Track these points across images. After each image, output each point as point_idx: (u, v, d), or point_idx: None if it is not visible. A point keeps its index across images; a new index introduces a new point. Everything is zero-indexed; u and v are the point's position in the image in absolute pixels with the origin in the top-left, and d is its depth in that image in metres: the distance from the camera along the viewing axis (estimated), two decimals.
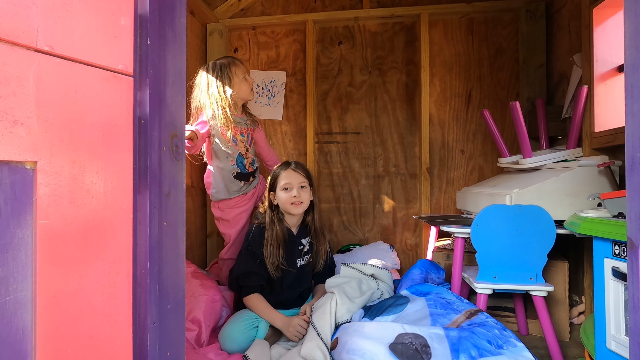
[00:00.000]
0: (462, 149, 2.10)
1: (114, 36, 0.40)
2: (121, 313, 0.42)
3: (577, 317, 1.58)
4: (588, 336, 1.11)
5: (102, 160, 0.40)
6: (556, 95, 1.87)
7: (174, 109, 0.55)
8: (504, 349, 0.92)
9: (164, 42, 0.52)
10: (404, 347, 0.90)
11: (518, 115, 1.53)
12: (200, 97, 1.62)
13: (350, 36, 2.19)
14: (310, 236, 1.49)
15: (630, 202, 0.50)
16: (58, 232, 0.36)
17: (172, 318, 0.55)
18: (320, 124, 2.21)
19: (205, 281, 1.48)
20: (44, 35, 0.35)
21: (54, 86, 0.35)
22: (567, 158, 1.51)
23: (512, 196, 1.36)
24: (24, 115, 0.33)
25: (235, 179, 1.70)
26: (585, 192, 1.31)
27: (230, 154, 1.67)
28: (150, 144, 0.49)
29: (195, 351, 1.12)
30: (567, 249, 1.64)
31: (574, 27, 1.69)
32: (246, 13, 2.26)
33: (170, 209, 0.54)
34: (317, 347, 1.04)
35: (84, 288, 0.38)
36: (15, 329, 0.34)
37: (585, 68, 1.48)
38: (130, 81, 0.43)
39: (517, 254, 1.27)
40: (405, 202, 2.16)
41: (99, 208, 0.40)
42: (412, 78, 2.14)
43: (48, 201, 0.35)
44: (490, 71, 2.06)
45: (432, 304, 1.11)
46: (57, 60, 0.36)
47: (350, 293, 1.23)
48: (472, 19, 2.08)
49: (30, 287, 0.34)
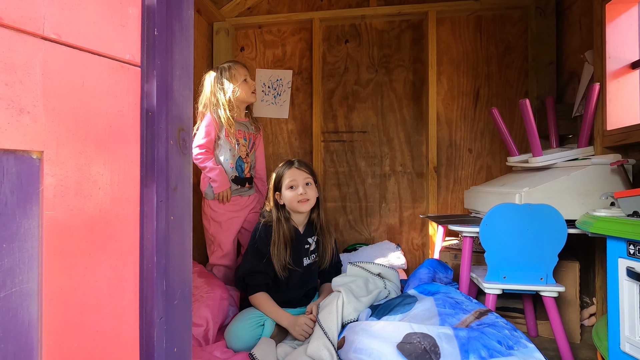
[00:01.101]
0: (469, 148, 2.07)
1: (121, 25, 0.40)
2: (128, 307, 0.42)
3: (588, 318, 1.55)
4: (601, 338, 1.09)
5: (108, 152, 0.39)
6: (566, 93, 1.84)
7: (181, 102, 0.54)
8: (514, 349, 0.90)
9: (171, 33, 0.51)
10: (412, 346, 0.89)
11: (528, 113, 1.50)
12: (204, 100, 1.70)
13: (356, 34, 2.18)
14: (317, 233, 1.48)
15: None
16: (64, 223, 0.35)
17: (179, 313, 0.54)
18: (327, 123, 2.21)
19: (212, 280, 1.48)
20: (50, 23, 0.34)
21: (61, 75, 0.35)
22: (578, 157, 1.48)
23: (522, 195, 1.33)
24: (30, 104, 0.33)
25: (233, 182, 1.72)
26: (597, 191, 1.28)
27: (231, 157, 1.70)
28: (158, 136, 0.48)
29: (202, 349, 1.12)
30: (578, 250, 1.61)
31: (585, 23, 1.66)
32: (252, 12, 2.25)
33: (177, 203, 0.53)
34: (324, 346, 1.03)
35: (90, 281, 0.37)
36: (21, 321, 0.33)
37: (597, 65, 1.46)
38: (138, 72, 0.42)
39: (527, 254, 1.25)
40: (411, 202, 2.14)
41: (105, 200, 0.39)
42: (419, 76, 2.12)
43: (54, 192, 0.35)
44: (499, 69, 2.04)
45: (441, 303, 1.09)
46: (63, 48, 0.35)
47: (357, 292, 1.21)
48: (480, 17, 2.05)
49: (36, 278, 0.34)
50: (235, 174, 1.73)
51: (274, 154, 2.26)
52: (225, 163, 1.70)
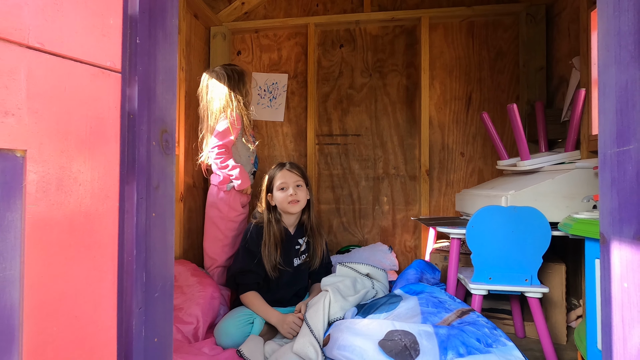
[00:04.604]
0: (462, 152, 2.10)
1: (102, 35, 0.43)
2: (106, 296, 0.45)
3: (575, 320, 1.57)
4: (582, 338, 1.11)
5: (89, 151, 0.42)
6: (556, 98, 1.87)
7: (164, 105, 0.58)
8: (493, 347, 0.93)
9: (154, 41, 0.55)
10: (393, 343, 0.92)
11: (515, 117, 1.53)
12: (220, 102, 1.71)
13: (351, 39, 2.22)
14: (307, 235, 1.51)
15: (602, 198, 0.51)
16: (46, 216, 0.38)
17: (159, 306, 0.57)
18: (321, 126, 2.24)
19: (204, 279, 1.51)
20: (35, 33, 0.37)
21: (44, 80, 0.38)
22: (565, 160, 1.50)
23: (507, 198, 1.36)
24: (14, 106, 0.36)
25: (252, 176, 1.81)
26: (581, 194, 1.31)
27: (251, 153, 1.78)
28: (139, 137, 0.51)
29: (191, 345, 1.14)
30: (567, 253, 1.64)
31: (573, 30, 1.69)
32: (249, 16, 2.30)
33: (159, 201, 0.56)
34: (310, 343, 1.06)
35: (69, 270, 0.40)
36: (4, 305, 0.36)
37: (583, 71, 1.49)
38: (118, 77, 0.46)
39: (512, 255, 1.27)
40: (404, 204, 2.16)
41: (85, 196, 0.42)
42: (413, 81, 2.16)
43: (37, 187, 0.38)
44: (491, 74, 2.07)
45: (424, 302, 1.12)
46: (47, 56, 0.38)
47: (344, 291, 1.24)
48: (472, 23, 2.09)
49: (19, 267, 0.37)
50: (254, 169, 1.82)
51: (269, 157, 2.29)
52: (247, 160, 1.77)
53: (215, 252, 1.69)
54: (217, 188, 1.72)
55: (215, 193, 1.72)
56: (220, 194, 1.70)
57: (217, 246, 1.69)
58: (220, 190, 1.70)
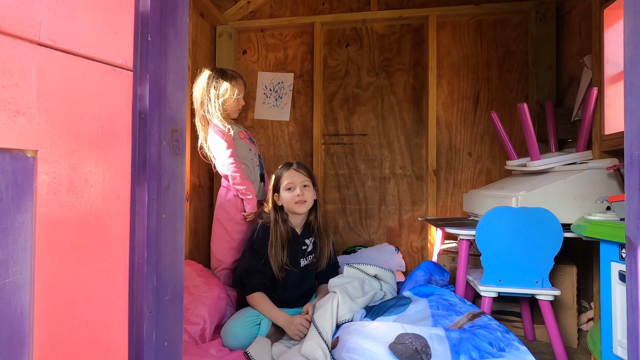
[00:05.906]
0: (469, 152, 2.08)
1: (114, 32, 0.42)
2: (117, 300, 0.44)
3: (586, 323, 1.54)
4: (595, 342, 1.09)
5: (100, 151, 0.41)
6: (566, 97, 1.84)
7: (175, 104, 0.56)
8: (505, 351, 0.91)
9: (165, 39, 0.53)
10: (403, 347, 0.90)
11: (525, 117, 1.51)
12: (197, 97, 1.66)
13: (357, 38, 2.20)
14: (314, 235, 1.49)
15: (628, 201, 0.49)
16: (57, 218, 0.37)
17: (170, 309, 0.56)
18: (327, 125, 2.22)
19: (210, 279, 1.50)
20: (46, 30, 0.36)
21: (55, 78, 0.37)
22: (576, 161, 1.48)
23: (518, 199, 1.34)
24: (25, 105, 0.35)
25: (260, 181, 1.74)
26: (593, 195, 1.28)
27: (254, 155, 1.72)
28: (150, 137, 0.50)
29: (198, 346, 1.13)
30: (577, 254, 1.61)
31: (584, 28, 1.67)
32: (255, 15, 2.29)
33: (169, 202, 0.55)
34: (318, 345, 1.05)
35: (80, 273, 0.39)
36: (14, 310, 0.35)
37: (595, 70, 1.46)
38: (130, 75, 0.45)
39: (523, 257, 1.25)
40: (411, 204, 2.15)
41: (97, 197, 0.41)
42: (420, 80, 2.13)
43: (47, 188, 0.37)
44: (499, 73, 2.04)
45: (434, 305, 1.10)
46: (58, 53, 0.37)
47: (353, 293, 1.23)
48: (480, 21, 2.07)
49: (29, 270, 0.36)
50: (260, 172, 1.76)
51: (274, 156, 2.28)
52: (252, 163, 1.72)
53: (222, 254, 1.68)
54: (225, 189, 1.71)
55: (224, 194, 1.71)
56: (228, 195, 1.69)
57: (224, 248, 1.68)
58: (229, 192, 1.69)
